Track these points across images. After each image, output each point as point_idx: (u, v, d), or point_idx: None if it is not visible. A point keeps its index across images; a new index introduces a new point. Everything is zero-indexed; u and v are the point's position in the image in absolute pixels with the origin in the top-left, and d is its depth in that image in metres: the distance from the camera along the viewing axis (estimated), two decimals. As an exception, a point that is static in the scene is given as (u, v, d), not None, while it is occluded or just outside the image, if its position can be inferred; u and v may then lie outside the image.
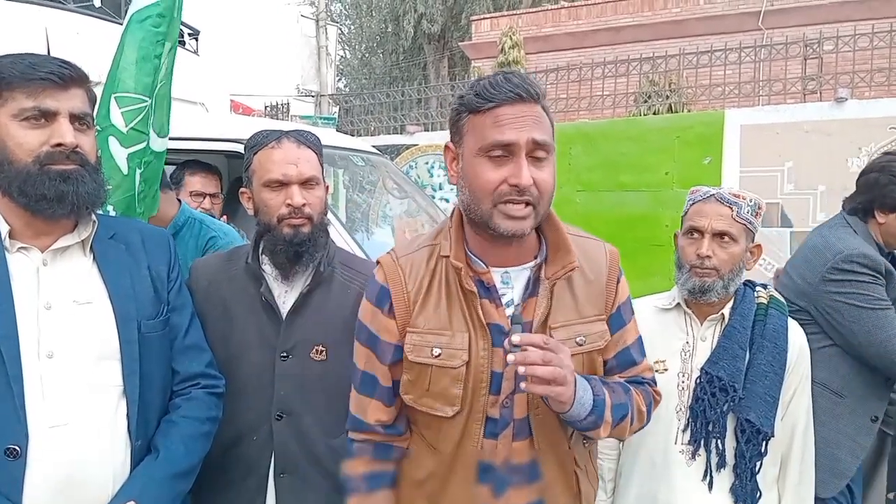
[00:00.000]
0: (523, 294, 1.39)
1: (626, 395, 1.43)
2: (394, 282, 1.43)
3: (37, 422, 1.32)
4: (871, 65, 8.40)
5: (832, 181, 8.07)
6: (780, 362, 1.78)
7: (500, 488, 1.40)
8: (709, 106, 9.47)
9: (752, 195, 1.83)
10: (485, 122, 1.29)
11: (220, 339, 1.73)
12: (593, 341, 1.42)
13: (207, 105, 5.84)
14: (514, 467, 1.40)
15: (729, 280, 1.80)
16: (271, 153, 1.73)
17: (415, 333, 1.40)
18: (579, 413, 1.31)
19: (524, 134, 1.26)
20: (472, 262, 1.39)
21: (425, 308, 1.40)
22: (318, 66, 14.50)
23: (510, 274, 1.40)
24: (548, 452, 1.42)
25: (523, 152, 1.27)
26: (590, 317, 1.42)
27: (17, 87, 1.35)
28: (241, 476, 1.72)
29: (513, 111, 1.27)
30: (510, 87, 1.27)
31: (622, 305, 1.48)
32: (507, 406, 1.38)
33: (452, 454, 1.41)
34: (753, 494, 1.75)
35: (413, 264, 1.44)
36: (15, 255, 1.40)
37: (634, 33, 14.10)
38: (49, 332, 1.37)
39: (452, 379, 1.37)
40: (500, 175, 1.28)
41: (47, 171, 1.37)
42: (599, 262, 1.45)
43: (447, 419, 1.39)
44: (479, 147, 1.30)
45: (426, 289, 1.41)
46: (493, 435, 1.39)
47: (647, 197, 8.86)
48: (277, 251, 1.72)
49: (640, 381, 1.51)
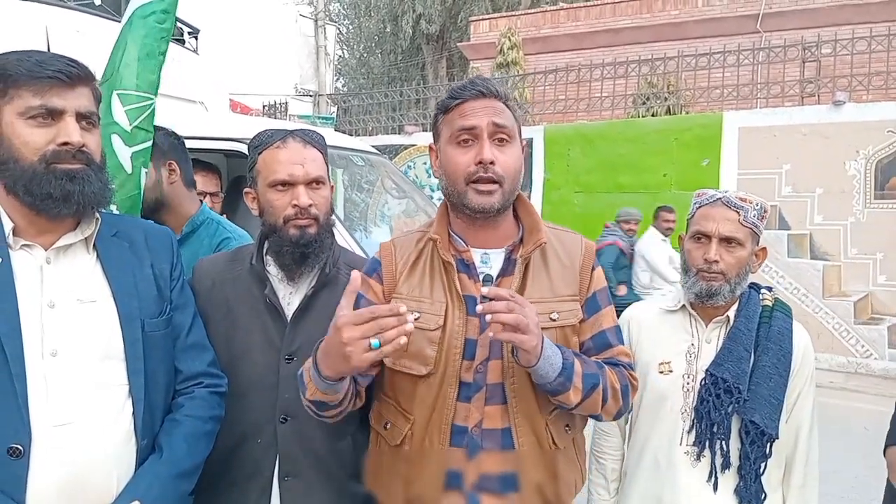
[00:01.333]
0: (499, 272, 1.55)
1: (598, 369, 1.51)
2: (385, 257, 1.63)
3: (40, 421, 1.31)
4: (869, 68, 8.43)
5: (830, 184, 8.11)
6: (784, 364, 1.77)
7: (472, 451, 1.49)
8: (707, 108, 9.50)
9: (758, 199, 1.82)
10: (453, 117, 1.51)
11: (224, 341, 1.71)
12: (566, 318, 1.54)
13: (207, 104, 5.82)
14: (487, 432, 1.49)
15: (735, 284, 1.80)
16: (277, 153, 1.71)
17: (398, 299, 1.55)
18: (547, 372, 1.40)
19: (485, 119, 1.47)
20: (453, 241, 1.57)
21: (409, 279, 1.58)
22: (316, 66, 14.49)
23: (489, 255, 1.57)
24: (524, 423, 1.51)
25: (485, 134, 1.47)
26: (563, 296, 1.56)
27: (23, 85, 1.33)
28: (244, 479, 1.71)
29: (476, 104, 1.49)
30: (472, 86, 1.51)
31: (598, 292, 1.61)
32: (481, 371, 1.50)
33: (427, 417, 1.52)
34: (758, 496, 1.75)
35: (404, 244, 1.64)
36: (18, 252, 1.39)
37: (633, 35, 14.14)
38: (53, 331, 1.36)
39: (428, 341, 1.50)
40: (469, 157, 1.48)
41: (53, 170, 1.35)
42: (574, 250, 1.61)
43: (421, 379, 1.51)
44: (449, 136, 1.52)
45: (412, 263, 1.59)
46: (467, 398, 1.50)
47: (646, 198, 8.89)
48: (283, 252, 1.70)
49: (615, 363, 1.58)
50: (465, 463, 1.49)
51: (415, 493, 1.54)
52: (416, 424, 1.53)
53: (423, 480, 1.53)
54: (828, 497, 1.89)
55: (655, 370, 1.87)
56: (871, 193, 7.87)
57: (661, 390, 1.85)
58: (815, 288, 8.16)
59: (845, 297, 8.03)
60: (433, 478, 1.51)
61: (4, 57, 1.36)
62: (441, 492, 1.51)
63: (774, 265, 8.29)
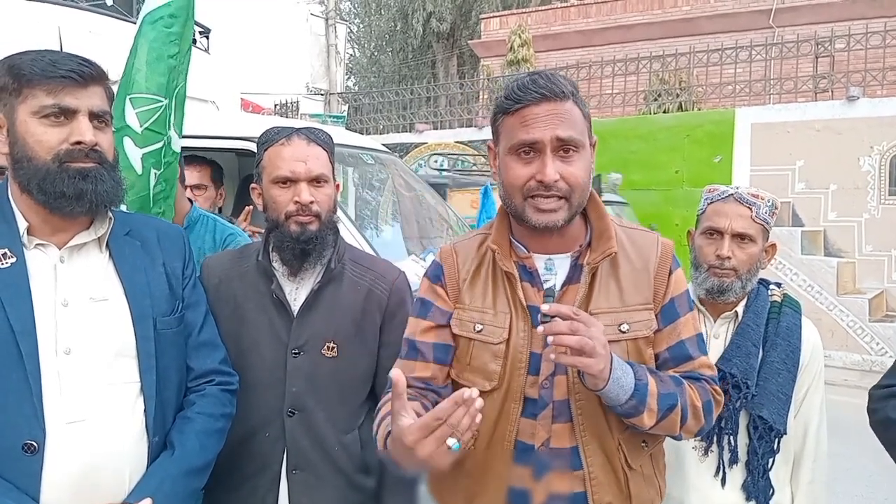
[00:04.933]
0: (565, 280, 1.44)
1: (676, 386, 1.39)
2: (447, 263, 1.55)
3: (54, 418, 1.33)
4: (884, 63, 8.33)
5: (843, 180, 8.04)
6: (793, 360, 1.77)
7: (540, 471, 1.41)
8: (719, 104, 9.43)
9: (769, 195, 1.82)
10: (514, 123, 1.37)
11: (232, 336, 1.73)
12: (637, 329, 1.42)
13: (218, 103, 5.86)
14: (554, 451, 1.41)
15: (746, 280, 1.80)
16: (281, 150, 1.73)
17: (461, 309, 1.49)
18: (617, 395, 1.30)
19: (548, 132, 1.34)
20: (514, 248, 1.47)
21: (472, 288, 1.50)
22: (327, 65, 14.53)
23: (553, 261, 1.46)
24: (591, 442, 1.41)
25: (548, 149, 1.34)
26: (634, 305, 1.43)
27: (37, 85, 1.35)
28: (253, 472, 1.73)
29: (538, 110, 1.34)
30: (535, 87, 1.35)
31: (676, 298, 1.47)
32: (547, 387, 1.41)
33: (489, 433, 1.44)
34: (766, 491, 1.75)
35: (465, 250, 1.55)
36: (33, 251, 1.41)
37: (644, 31, 14.06)
38: (66, 329, 1.38)
39: (492, 355, 1.43)
40: (528, 172, 1.36)
41: (66, 168, 1.37)
42: (648, 252, 1.47)
43: (485, 394, 1.37)
44: (509, 146, 1.39)
45: (474, 271, 1.51)
46: (532, 415, 1.42)
47: (657, 195, 8.85)
48: (285, 248, 1.73)
49: (696, 378, 1.46)
50: (533, 483, 1.41)
51: None
52: (478, 440, 1.44)
53: (485, 496, 1.46)
54: (840, 495, 1.89)
55: None
56: (885, 189, 7.79)
57: None
58: (829, 285, 8.09)
59: (860, 294, 7.96)
60: (496, 495, 1.45)
61: (18, 57, 1.38)
62: None
63: (788, 262, 8.22)
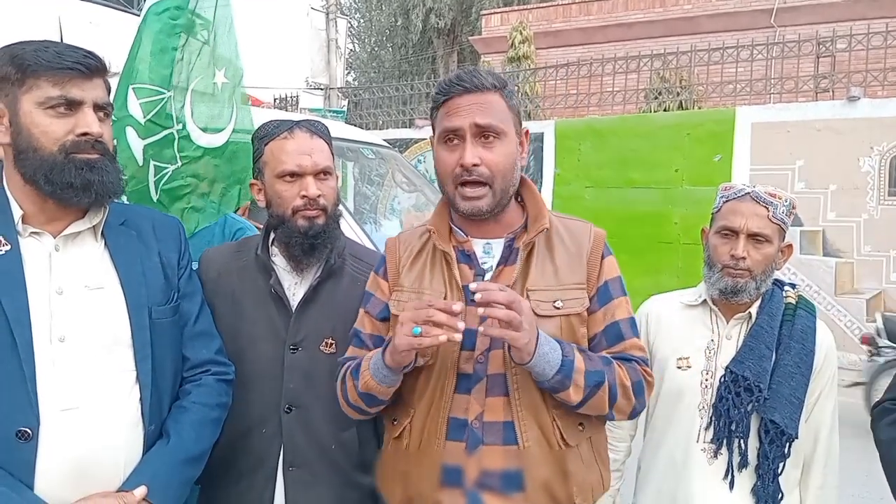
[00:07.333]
0: (500, 261, 1.51)
1: (605, 365, 1.44)
2: (390, 252, 1.64)
3: (48, 405, 1.33)
4: (885, 63, 8.33)
5: (843, 180, 8.03)
6: (807, 364, 1.73)
7: (473, 445, 1.44)
8: (720, 103, 9.42)
9: (787, 194, 1.78)
10: (441, 114, 1.49)
11: (230, 331, 1.72)
12: (571, 306, 1.49)
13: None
14: (488, 425, 1.44)
15: (761, 281, 1.77)
16: (284, 144, 1.71)
17: (399, 291, 1.57)
18: (543, 369, 1.36)
19: (467, 119, 1.43)
20: (454, 232, 1.56)
21: (411, 271, 1.57)
22: (327, 60, 14.50)
23: (492, 245, 1.54)
24: (527, 417, 1.45)
25: (468, 135, 1.44)
26: (568, 284, 1.50)
27: (42, 76, 1.35)
28: (250, 469, 1.71)
29: (461, 101, 1.45)
30: (458, 81, 1.46)
31: (609, 281, 1.54)
32: (482, 362, 1.46)
33: (426, 410, 1.49)
34: (775, 496, 1.71)
35: (408, 238, 1.64)
36: (27, 239, 1.41)
37: (645, 29, 14.06)
38: (61, 317, 1.38)
39: None
40: (454, 158, 1.46)
41: (73, 159, 1.38)
42: (582, 237, 1.55)
43: (422, 371, 1.48)
44: (438, 135, 1.50)
45: (415, 255, 1.59)
46: (467, 390, 1.46)
47: (657, 194, 8.84)
48: (292, 243, 1.70)
49: (627, 358, 1.51)
50: (465, 458, 1.43)
51: (413, 491, 1.50)
52: (415, 418, 1.50)
53: (420, 477, 1.48)
54: (840, 495, 1.86)
55: (674, 365, 1.83)
56: (885, 190, 7.79)
57: (678, 386, 1.82)
58: (827, 285, 8.09)
59: (858, 294, 7.96)
60: (430, 473, 1.46)
61: (20, 47, 1.39)
62: (438, 489, 1.45)
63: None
